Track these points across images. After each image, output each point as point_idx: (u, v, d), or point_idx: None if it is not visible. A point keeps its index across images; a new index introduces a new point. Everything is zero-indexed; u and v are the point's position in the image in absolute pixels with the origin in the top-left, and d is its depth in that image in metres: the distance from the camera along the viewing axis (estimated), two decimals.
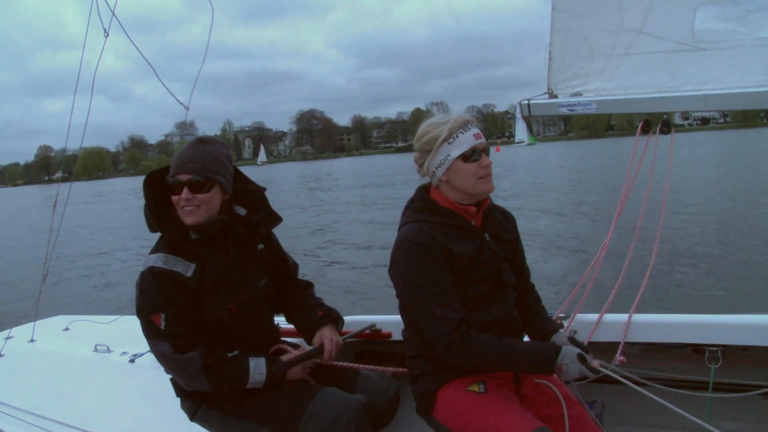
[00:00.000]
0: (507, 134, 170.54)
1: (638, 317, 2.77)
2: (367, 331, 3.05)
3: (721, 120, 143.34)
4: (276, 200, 2.57)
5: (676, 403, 1.90)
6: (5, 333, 4.16)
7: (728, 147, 49.00)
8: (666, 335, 2.68)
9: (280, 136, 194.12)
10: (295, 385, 2.32)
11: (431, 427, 2.19)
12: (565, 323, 2.93)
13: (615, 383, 2.04)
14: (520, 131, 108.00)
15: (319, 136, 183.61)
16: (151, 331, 2.17)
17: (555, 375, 2.02)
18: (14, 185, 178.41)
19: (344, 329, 3.04)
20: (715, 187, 20.05)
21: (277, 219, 2.49)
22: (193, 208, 2.20)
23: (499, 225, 2.29)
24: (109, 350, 3.59)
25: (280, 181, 51.79)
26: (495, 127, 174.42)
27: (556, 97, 3.18)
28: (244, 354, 2.26)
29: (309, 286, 2.66)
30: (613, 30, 2.89)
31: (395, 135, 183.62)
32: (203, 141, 2.31)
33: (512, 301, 2.27)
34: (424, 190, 2.23)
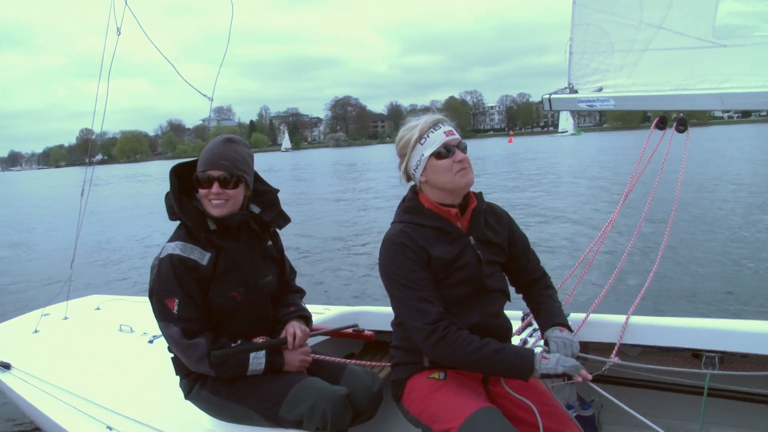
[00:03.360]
0: (542, 124, 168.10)
1: (638, 319, 2.75)
2: (350, 330, 3.07)
3: (764, 113, 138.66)
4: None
5: (672, 406, 1.89)
6: (41, 310, 4.38)
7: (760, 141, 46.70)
8: (665, 339, 2.67)
9: (315, 122, 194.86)
10: (282, 373, 2.43)
11: (401, 413, 2.29)
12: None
13: (613, 383, 2.03)
14: (564, 121, 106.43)
15: (353, 123, 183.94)
16: (163, 315, 2.31)
17: (534, 374, 2.00)
18: (57, 166, 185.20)
19: (330, 326, 3.13)
20: (735, 187, 19.00)
21: (286, 219, 2.63)
22: (222, 202, 2.36)
23: (488, 227, 2.27)
24: (132, 330, 3.78)
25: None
26: (529, 117, 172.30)
27: (576, 92, 3.19)
28: (246, 344, 2.37)
29: (299, 291, 2.77)
30: (632, 25, 2.87)
31: None
32: (231, 141, 2.46)
33: (498, 306, 2.29)
34: (414, 191, 2.27)
